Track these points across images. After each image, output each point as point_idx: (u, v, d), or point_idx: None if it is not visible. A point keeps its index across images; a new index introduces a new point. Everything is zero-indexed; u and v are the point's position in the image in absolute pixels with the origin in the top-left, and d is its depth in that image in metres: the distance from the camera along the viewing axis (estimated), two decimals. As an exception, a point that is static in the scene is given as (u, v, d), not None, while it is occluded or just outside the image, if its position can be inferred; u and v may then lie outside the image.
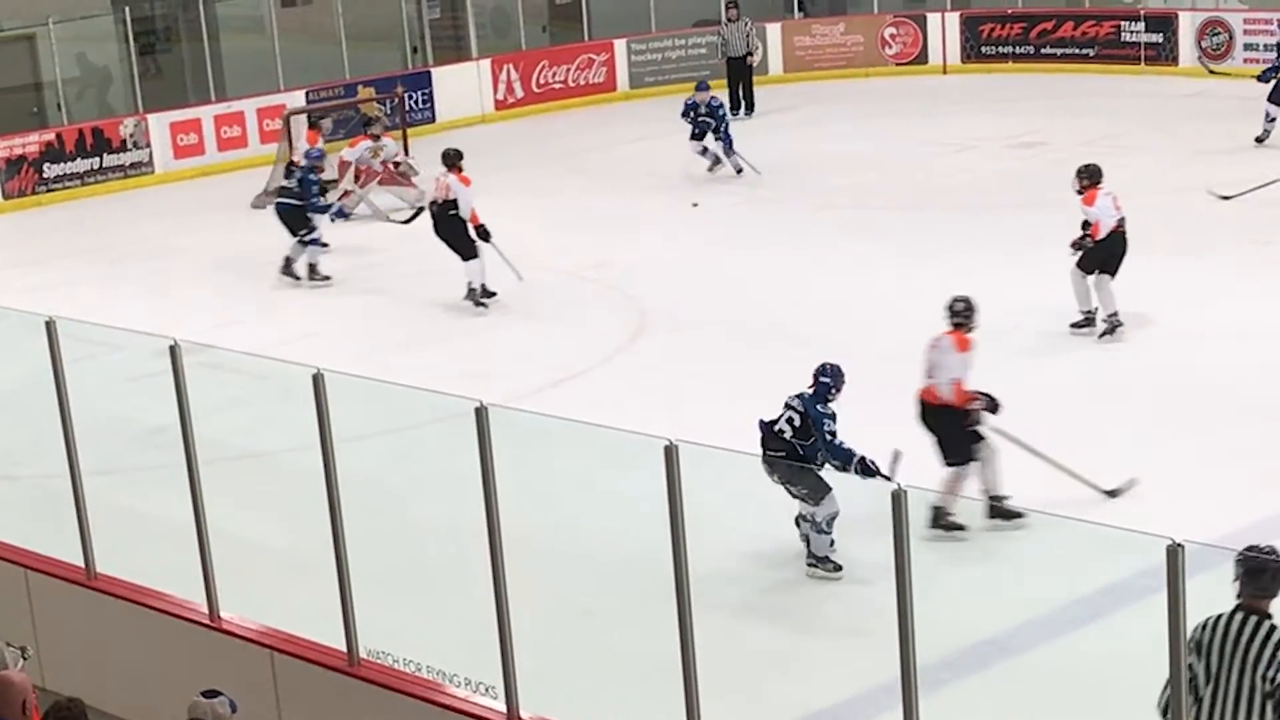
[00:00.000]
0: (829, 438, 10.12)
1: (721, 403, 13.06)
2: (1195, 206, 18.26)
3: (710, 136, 21.30)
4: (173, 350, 8.98)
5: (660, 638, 7.40)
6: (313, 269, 18.14)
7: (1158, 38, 26.18)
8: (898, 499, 6.42)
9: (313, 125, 20.96)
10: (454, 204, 16.45)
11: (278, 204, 18.39)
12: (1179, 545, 5.77)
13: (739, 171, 21.25)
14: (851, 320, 14.94)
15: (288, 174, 18.74)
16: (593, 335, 15.67)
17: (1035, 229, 17.08)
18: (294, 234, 18.05)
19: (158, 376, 9.31)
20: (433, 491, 11.19)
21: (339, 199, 20.41)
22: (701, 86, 21.73)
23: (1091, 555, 8.02)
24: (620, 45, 28.01)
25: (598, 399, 13.33)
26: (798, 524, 10.24)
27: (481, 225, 16.46)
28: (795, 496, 10.19)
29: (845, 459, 10.08)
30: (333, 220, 18.85)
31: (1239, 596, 6.67)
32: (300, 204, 17.98)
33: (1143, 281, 14.75)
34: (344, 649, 8.60)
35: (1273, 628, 6.59)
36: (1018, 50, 27.34)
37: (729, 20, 25.80)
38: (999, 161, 21.18)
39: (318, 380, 8.30)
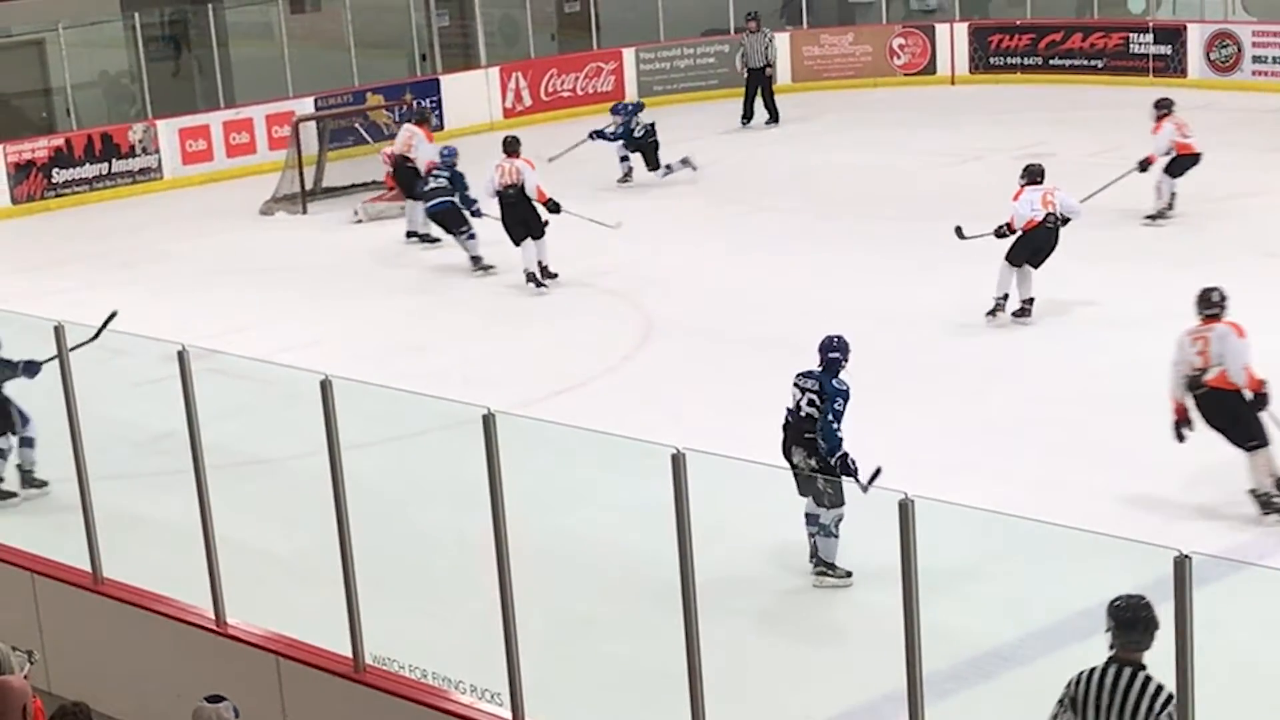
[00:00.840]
0: (832, 417, 10.10)
1: (728, 412, 13.09)
2: (1196, 216, 18.29)
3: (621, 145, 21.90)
4: (181, 356, 8.99)
5: (666, 646, 7.40)
6: (476, 260, 18.29)
7: (1166, 49, 26.17)
8: (905, 508, 6.42)
9: (422, 120, 20.68)
10: (521, 187, 17.33)
11: (435, 204, 18.45)
12: (1186, 557, 5.77)
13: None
14: (858, 330, 14.87)
15: (429, 177, 18.76)
16: (600, 343, 15.68)
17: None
18: (451, 231, 18.42)
19: (165, 382, 9.31)
20: (439, 498, 11.20)
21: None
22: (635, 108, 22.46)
23: (1097, 566, 8.00)
24: (629, 54, 28.04)
25: (604, 407, 13.35)
26: (808, 523, 10.24)
27: (550, 199, 17.42)
28: (803, 494, 10.17)
29: (835, 446, 10.08)
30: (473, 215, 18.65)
31: (1111, 649, 6.58)
32: (454, 203, 18.27)
33: (1134, 290, 14.96)
34: (349, 655, 8.61)
35: (1148, 679, 6.49)
36: (1026, 61, 27.34)
37: (749, 31, 25.84)
38: (1007, 173, 21.12)
39: (325, 386, 8.32)
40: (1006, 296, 15.23)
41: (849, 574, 10.08)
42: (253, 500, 11.52)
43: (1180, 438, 11.14)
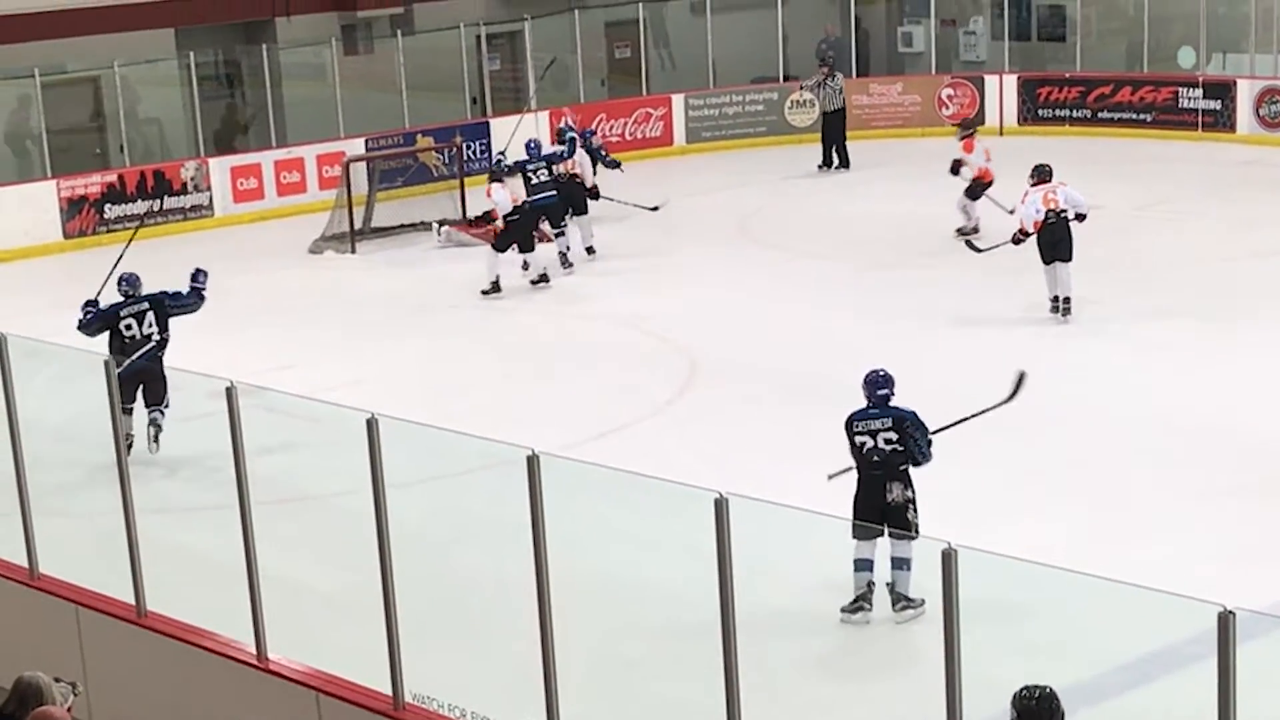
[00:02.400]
0: (919, 438, 10.32)
1: (770, 456, 13.11)
2: (1243, 274, 18.27)
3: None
4: (229, 392, 9.05)
5: (706, 689, 7.40)
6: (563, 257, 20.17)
7: (1215, 104, 26.14)
8: (948, 559, 6.42)
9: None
10: (578, 176, 20.72)
11: (540, 199, 19.71)
12: (1230, 612, 5.75)
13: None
14: (899, 376, 14.95)
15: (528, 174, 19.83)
16: (643, 386, 15.72)
17: (1085, 290, 17.04)
18: (554, 224, 20.16)
19: (213, 417, 9.38)
20: (481, 538, 11.22)
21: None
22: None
23: (1140, 619, 7.98)
24: (678, 100, 28.15)
25: (647, 450, 13.36)
26: (862, 568, 10.25)
27: (594, 186, 21.21)
28: (864, 538, 10.17)
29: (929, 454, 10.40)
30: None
31: None
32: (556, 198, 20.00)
33: (1174, 344, 15.21)
34: (389, 692, 8.62)
35: None
36: (1075, 114, 27.33)
37: (824, 76, 26.03)
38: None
39: (371, 424, 8.37)
40: (1056, 297, 16.60)
41: (924, 600, 10.04)
42: (296, 536, 11.56)
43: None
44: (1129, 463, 13.02)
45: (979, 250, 17.47)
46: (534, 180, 19.63)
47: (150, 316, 14.09)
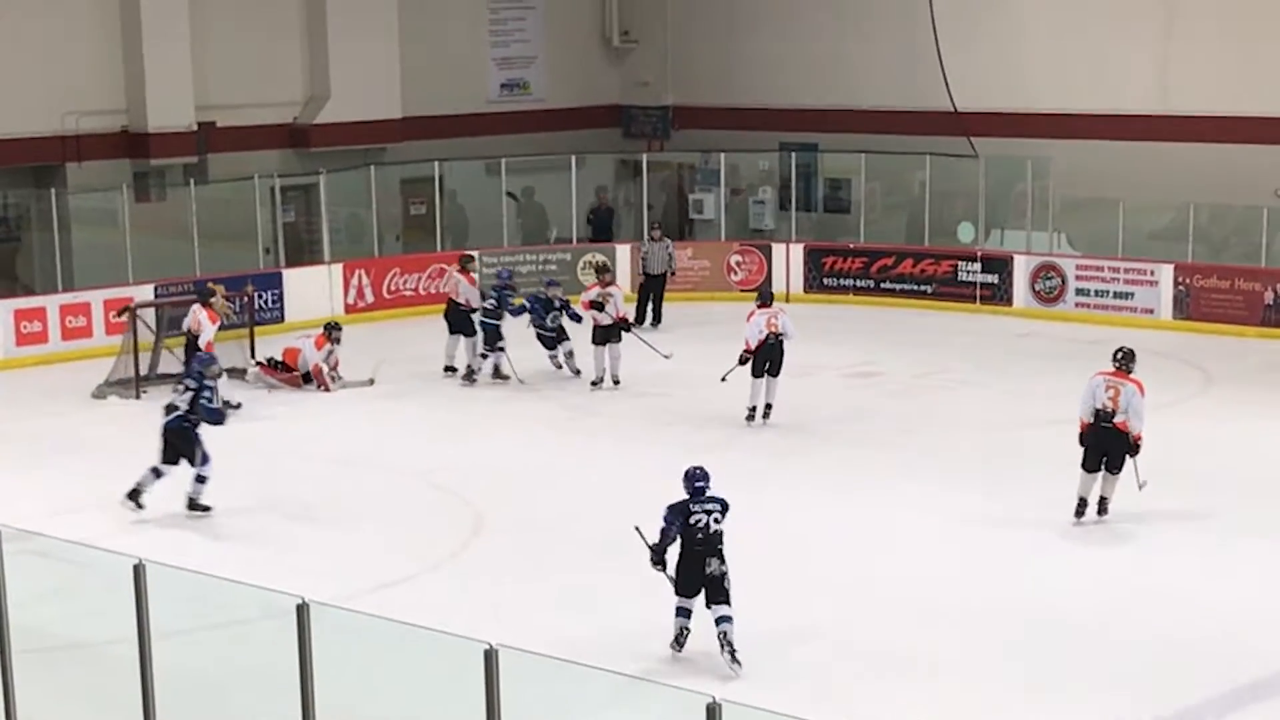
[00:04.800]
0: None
1: (550, 609, 13.21)
2: (1013, 442, 18.86)
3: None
4: (-4, 536, 8.96)
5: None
6: (496, 369, 22.10)
7: (993, 278, 27.09)
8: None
9: (464, 269, 23.22)
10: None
11: (482, 322, 22.09)
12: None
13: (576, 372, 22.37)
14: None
15: (483, 296, 22.39)
16: (427, 538, 15.72)
17: (859, 458, 17.44)
18: (489, 346, 21.92)
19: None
20: (256, 688, 11.10)
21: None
22: (553, 284, 23.21)
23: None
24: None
25: (427, 602, 13.38)
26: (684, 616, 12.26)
27: (623, 317, 22.01)
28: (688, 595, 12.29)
29: None
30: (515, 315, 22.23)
31: None
32: (498, 322, 21.92)
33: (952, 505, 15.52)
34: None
35: None
36: (859, 284, 28.12)
37: (652, 239, 26.75)
38: (835, 390, 21.68)
39: (138, 570, 8.32)
40: (754, 407, 19.39)
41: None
42: (64, 686, 11.33)
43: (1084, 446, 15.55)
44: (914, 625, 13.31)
45: (725, 379, 19.70)
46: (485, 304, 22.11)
47: None
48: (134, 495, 16.31)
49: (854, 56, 30.32)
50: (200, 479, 16.39)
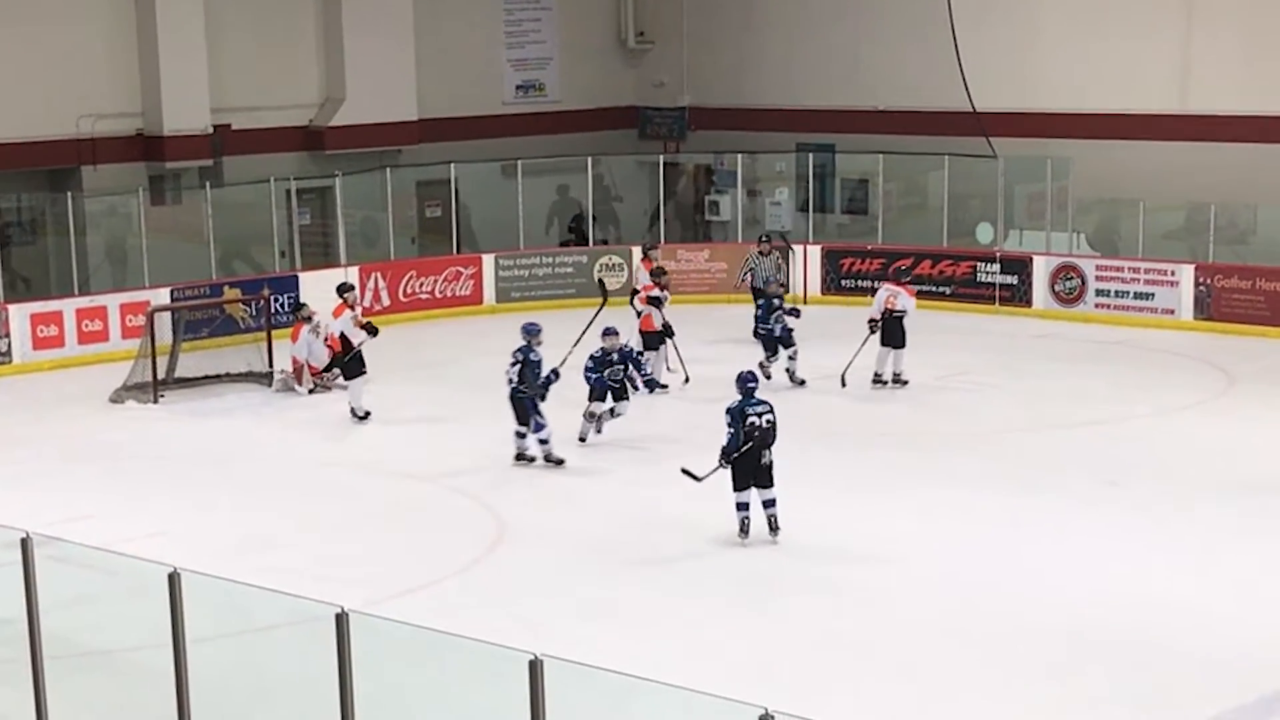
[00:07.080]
0: None
1: (573, 618, 13.11)
2: (1033, 444, 18.73)
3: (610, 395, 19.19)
4: (24, 543, 8.85)
5: None
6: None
7: (1012, 279, 26.95)
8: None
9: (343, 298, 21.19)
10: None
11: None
12: None
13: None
14: (702, 542, 15.09)
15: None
16: (449, 544, 15.61)
17: (880, 460, 17.32)
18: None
19: (6, 568, 9.15)
20: (285, 697, 11.00)
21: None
22: (610, 331, 19.31)
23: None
24: (488, 260, 28.32)
25: (452, 608, 13.27)
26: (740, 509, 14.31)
27: (666, 324, 21.70)
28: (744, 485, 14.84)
29: None
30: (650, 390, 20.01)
31: None
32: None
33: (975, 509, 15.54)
34: None
35: None
36: (876, 285, 27.85)
37: (761, 253, 25.20)
38: (852, 391, 21.56)
39: (174, 579, 8.22)
40: (879, 373, 21.70)
41: None
42: (91, 693, 11.24)
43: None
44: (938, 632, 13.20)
45: (843, 383, 21.44)
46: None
47: None
48: (519, 457, 18.00)
49: (871, 56, 30.21)
50: (542, 441, 17.88)
